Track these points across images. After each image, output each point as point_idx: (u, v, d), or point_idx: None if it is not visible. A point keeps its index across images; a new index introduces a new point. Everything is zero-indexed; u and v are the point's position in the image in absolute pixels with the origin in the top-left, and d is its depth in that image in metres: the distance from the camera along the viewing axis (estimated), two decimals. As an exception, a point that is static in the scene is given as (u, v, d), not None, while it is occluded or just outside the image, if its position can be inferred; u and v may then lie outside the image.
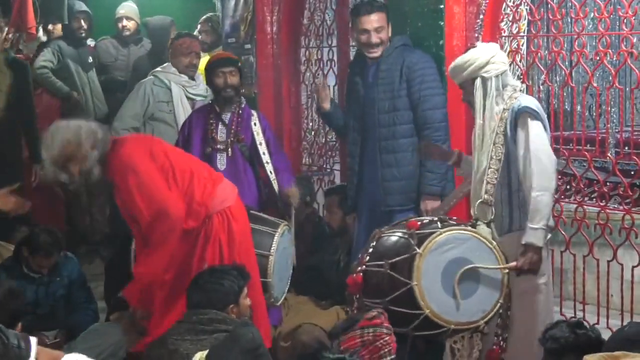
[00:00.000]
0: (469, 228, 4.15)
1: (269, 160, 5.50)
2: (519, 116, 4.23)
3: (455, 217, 4.43)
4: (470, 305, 4.05)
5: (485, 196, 4.25)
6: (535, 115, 4.24)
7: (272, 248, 4.99)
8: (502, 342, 4.19)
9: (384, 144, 5.26)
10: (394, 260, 4.09)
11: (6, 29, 6.68)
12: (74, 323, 5.35)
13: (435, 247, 4.03)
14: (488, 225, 4.21)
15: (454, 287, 4.02)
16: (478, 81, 4.31)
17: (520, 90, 4.42)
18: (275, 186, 5.49)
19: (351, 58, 6.12)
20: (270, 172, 5.49)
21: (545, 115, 4.42)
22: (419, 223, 4.16)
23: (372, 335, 3.47)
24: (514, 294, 4.19)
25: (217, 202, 4.67)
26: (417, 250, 4.02)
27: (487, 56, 4.31)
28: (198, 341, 3.91)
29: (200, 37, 7.76)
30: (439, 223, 4.15)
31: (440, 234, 4.06)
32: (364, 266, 4.20)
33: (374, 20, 5.24)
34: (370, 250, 4.24)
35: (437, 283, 4.02)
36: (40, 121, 6.69)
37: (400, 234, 4.20)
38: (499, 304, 4.08)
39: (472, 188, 4.39)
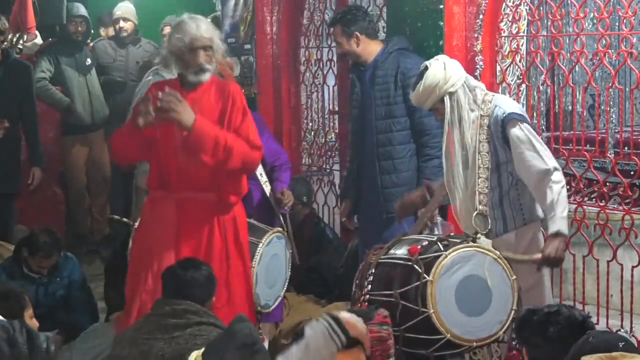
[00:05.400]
0: (471, 243, 4.11)
1: None
2: (508, 123, 4.24)
3: (452, 233, 4.42)
4: (487, 319, 4.03)
5: (480, 207, 4.24)
6: (522, 119, 4.27)
7: (255, 259, 4.91)
8: (517, 345, 4.19)
9: (382, 150, 5.25)
10: (403, 289, 4.03)
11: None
12: (74, 323, 5.36)
13: (444, 271, 3.97)
14: (487, 235, 4.20)
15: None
16: (447, 99, 4.33)
17: (484, 90, 4.43)
18: (266, 189, 5.43)
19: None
20: (261, 174, 5.44)
21: (526, 112, 4.48)
22: (419, 247, 4.11)
23: (385, 334, 3.46)
24: (522, 291, 4.20)
25: None
26: (427, 277, 3.95)
27: (444, 72, 4.31)
28: (171, 339, 3.77)
29: None
30: (439, 244, 4.09)
31: (446, 256, 3.99)
32: (367, 295, 4.15)
33: (333, 34, 5.41)
34: (371, 278, 4.19)
35: (453, 306, 3.98)
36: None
37: (401, 261, 4.14)
38: (513, 311, 4.06)
39: (459, 201, 4.38)
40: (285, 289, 5.25)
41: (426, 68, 4.36)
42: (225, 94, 4.53)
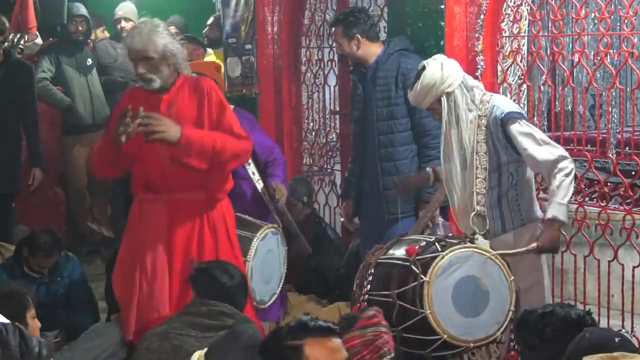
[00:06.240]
0: (469, 244, 4.11)
1: (250, 161, 5.44)
2: (507, 122, 4.25)
3: (451, 234, 4.41)
4: (485, 320, 4.03)
5: (478, 207, 4.24)
6: (520, 117, 4.28)
7: (249, 254, 4.93)
8: (516, 346, 4.19)
9: (384, 151, 5.25)
10: (400, 290, 4.04)
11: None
12: (74, 323, 5.35)
13: (440, 271, 3.98)
14: (485, 236, 4.20)
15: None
16: (444, 99, 4.33)
17: (483, 90, 4.43)
18: (259, 186, 5.44)
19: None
20: (254, 172, 5.44)
21: (524, 111, 4.51)
22: (417, 247, 4.10)
23: (371, 335, 3.46)
24: (521, 291, 4.19)
25: None
26: (424, 278, 3.95)
27: (441, 72, 4.31)
28: (204, 339, 3.81)
29: (205, 31, 7.80)
30: (437, 244, 4.09)
31: (443, 257, 4.00)
32: (366, 296, 4.15)
33: (333, 34, 5.40)
34: (370, 278, 4.20)
35: (450, 306, 3.98)
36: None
37: (399, 261, 4.14)
38: (511, 312, 4.06)
39: (458, 201, 4.38)
40: (281, 285, 5.24)
41: (424, 67, 4.36)
42: (199, 90, 4.54)
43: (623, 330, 4.87)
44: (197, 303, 4.00)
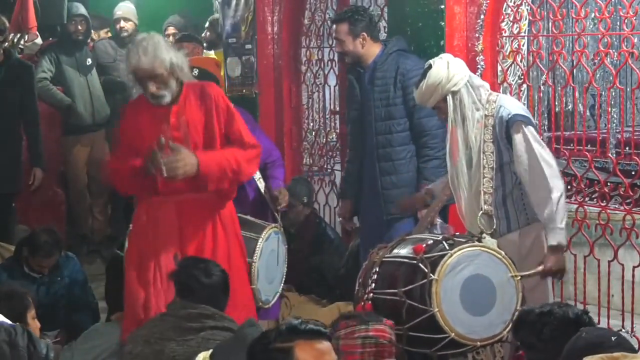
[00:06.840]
0: (477, 243, 4.10)
1: None
2: (512, 125, 4.24)
3: (458, 233, 4.41)
4: (492, 319, 4.03)
5: (485, 207, 4.24)
6: (527, 121, 4.27)
7: (255, 255, 4.93)
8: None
9: (382, 151, 5.25)
10: (408, 288, 4.03)
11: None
12: (74, 323, 5.36)
13: (449, 270, 3.97)
14: (492, 235, 4.20)
15: None
16: (449, 98, 4.33)
17: (489, 89, 4.43)
18: (260, 185, 5.45)
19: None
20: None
21: (530, 113, 4.48)
22: (424, 246, 4.09)
23: (374, 346, 3.48)
24: (526, 290, 4.19)
25: None
26: (433, 276, 3.94)
27: (447, 70, 4.31)
28: (184, 342, 3.79)
29: (203, 33, 7.81)
30: (444, 243, 4.09)
31: (451, 255, 3.99)
32: (371, 294, 4.14)
33: (335, 31, 5.36)
34: (375, 276, 4.19)
35: (457, 305, 3.97)
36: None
37: (406, 259, 4.13)
38: (518, 311, 4.06)
39: (464, 200, 4.38)
40: (282, 284, 5.25)
41: (430, 66, 4.37)
42: (206, 97, 4.54)
43: (623, 331, 4.87)
44: (177, 305, 3.95)
